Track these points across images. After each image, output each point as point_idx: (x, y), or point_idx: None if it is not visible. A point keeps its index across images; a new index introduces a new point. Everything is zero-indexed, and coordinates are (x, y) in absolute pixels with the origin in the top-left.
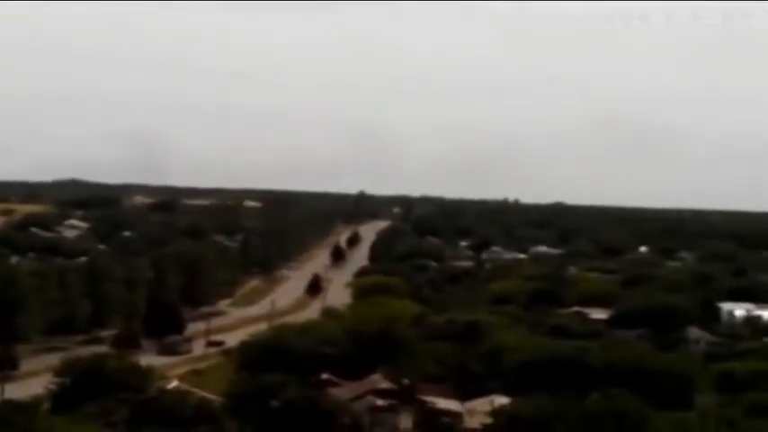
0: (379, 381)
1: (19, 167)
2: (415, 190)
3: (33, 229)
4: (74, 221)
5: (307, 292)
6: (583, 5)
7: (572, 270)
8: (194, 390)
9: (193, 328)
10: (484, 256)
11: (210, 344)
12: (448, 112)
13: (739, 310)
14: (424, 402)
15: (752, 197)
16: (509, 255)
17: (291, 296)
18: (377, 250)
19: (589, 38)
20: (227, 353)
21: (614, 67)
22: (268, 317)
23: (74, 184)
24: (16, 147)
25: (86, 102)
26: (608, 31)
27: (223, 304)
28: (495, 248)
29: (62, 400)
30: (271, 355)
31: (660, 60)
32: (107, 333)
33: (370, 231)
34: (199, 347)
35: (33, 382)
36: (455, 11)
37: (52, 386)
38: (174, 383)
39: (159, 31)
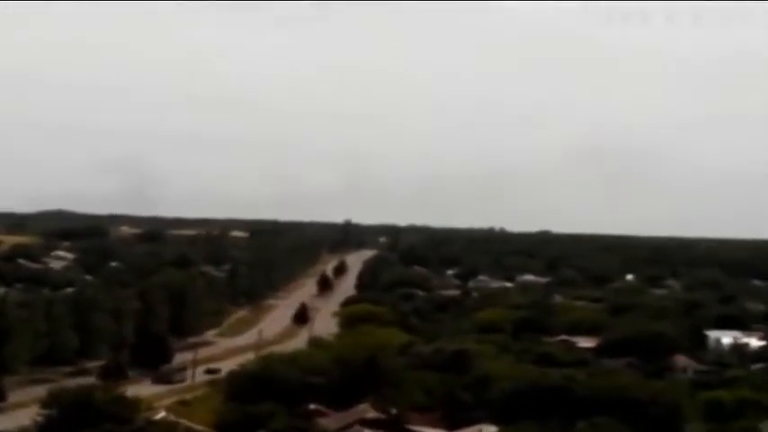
0: (367, 410)
1: (5, 198)
2: (402, 219)
3: (20, 260)
4: (60, 252)
5: (294, 321)
6: (568, 29)
7: (559, 298)
8: (182, 420)
9: (181, 358)
10: (471, 284)
11: (208, 371)
12: (434, 141)
13: (726, 338)
14: None
15: (737, 224)
16: (496, 283)
17: (279, 326)
18: (364, 279)
19: (573, 65)
20: (215, 383)
21: (600, 96)
22: (255, 347)
23: (60, 215)
24: (2, 177)
25: (72, 132)
26: (592, 60)
27: (211, 334)
28: (481, 277)
29: None
30: (258, 385)
31: (646, 88)
32: (94, 364)
33: (356, 260)
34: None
35: (21, 413)
36: (442, 39)
37: (39, 418)
38: (161, 414)
39: (144, 60)
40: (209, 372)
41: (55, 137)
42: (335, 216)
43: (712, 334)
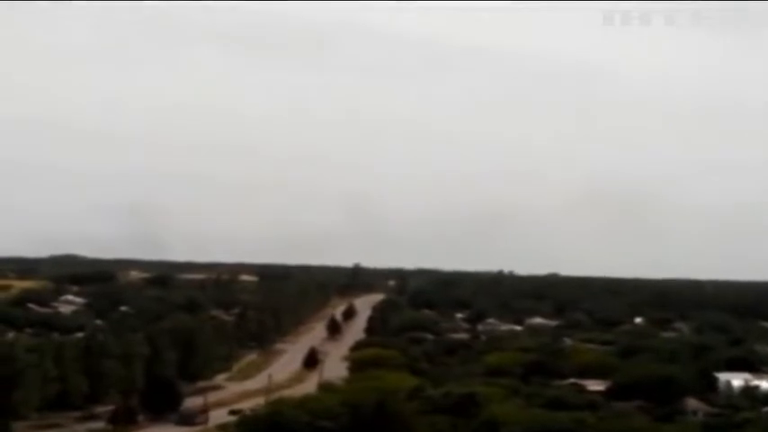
0: None
1: (16, 243)
2: (410, 262)
3: (30, 305)
4: (70, 297)
5: (303, 365)
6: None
7: (568, 341)
8: None
9: (191, 402)
10: (480, 328)
11: (232, 412)
12: (441, 184)
13: (737, 381)
14: None
15: (746, 267)
16: (505, 326)
17: (288, 370)
18: (373, 323)
19: (580, 107)
20: (226, 427)
21: (606, 138)
22: (265, 391)
23: (70, 260)
24: (13, 222)
25: (82, 177)
26: (599, 101)
27: (220, 378)
28: (490, 320)
29: None
30: (269, 429)
31: (652, 130)
32: (104, 409)
33: (365, 304)
34: (216, 417)
35: None
36: (447, 82)
37: None
38: None
39: (152, 104)
40: (233, 413)
41: (65, 181)
42: (344, 260)
43: (722, 376)
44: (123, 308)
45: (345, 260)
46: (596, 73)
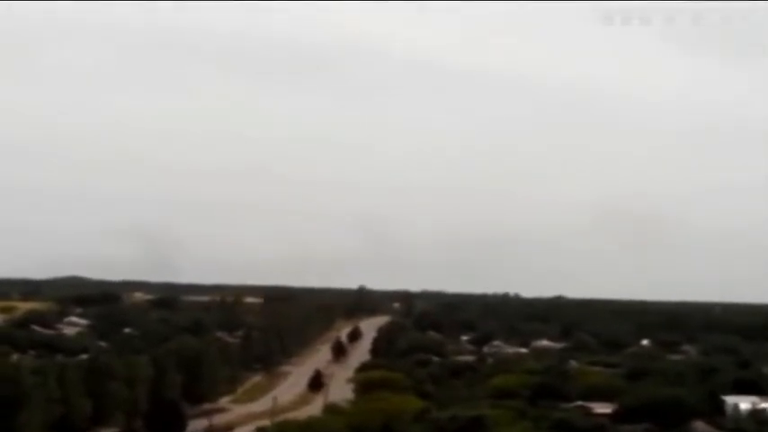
0: None
1: (20, 264)
2: (415, 285)
3: (34, 327)
4: (74, 318)
5: (309, 387)
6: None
7: (574, 364)
8: None
9: (195, 425)
10: (485, 350)
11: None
12: (446, 207)
13: (744, 404)
14: None
15: (754, 289)
16: (511, 349)
17: (293, 392)
18: (378, 345)
19: (586, 128)
20: None
21: (612, 160)
22: (270, 413)
23: (74, 281)
24: (17, 243)
25: (86, 199)
26: (604, 122)
27: (225, 401)
28: (496, 342)
29: None
30: None
31: (658, 151)
32: (108, 431)
33: (370, 326)
34: None
35: None
36: (451, 104)
37: None
38: None
39: (157, 126)
40: None
41: (68, 203)
42: (349, 282)
43: (730, 399)
44: (128, 330)
45: (350, 282)
46: (604, 94)
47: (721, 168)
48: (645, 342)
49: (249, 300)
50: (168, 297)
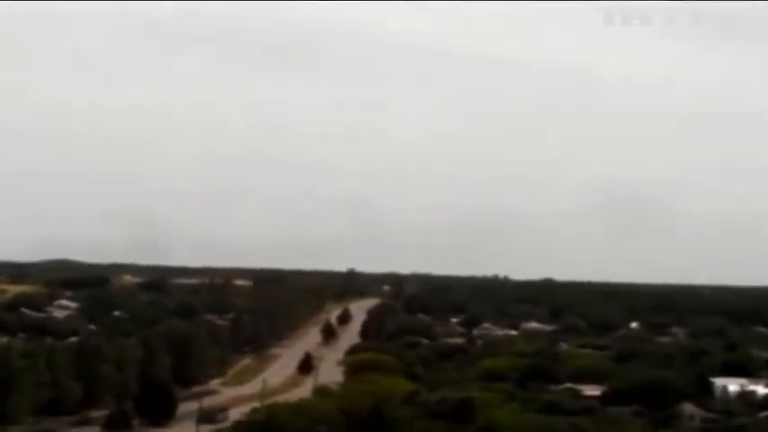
0: None
1: (9, 247)
2: (405, 267)
3: (23, 310)
4: (63, 301)
5: (298, 370)
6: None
7: (563, 346)
8: None
9: (185, 407)
10: (475, 332)
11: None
12: (436, 189)
13: (733, 386)
14: None
15: (741, 272)
16: (500, 331)
17: (283, 374)
18: (368, 328)
19: (576, 113)
20: None
21: (602, 144)
22: (260, 396)
23: (64, 264)
24: (6, 226)
25: (75, 182)
26: (594, 108)
27: (215, 383)
28: (486, 325)
29: None
30: None
31: (647, 136)
32: (98, 414)
33: (360, 309)
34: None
35: None
36: (444, 88)
37: None
38: None
39: (146, 110)
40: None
41: (58, 186)
42: (339, 265)
43: (718, 382)
44: (117, 312)
45: (340, 265)
46: (594, 79)
47: (710, 153)
48: (634, 324)
49: (239, 282)
50: (157, 280)
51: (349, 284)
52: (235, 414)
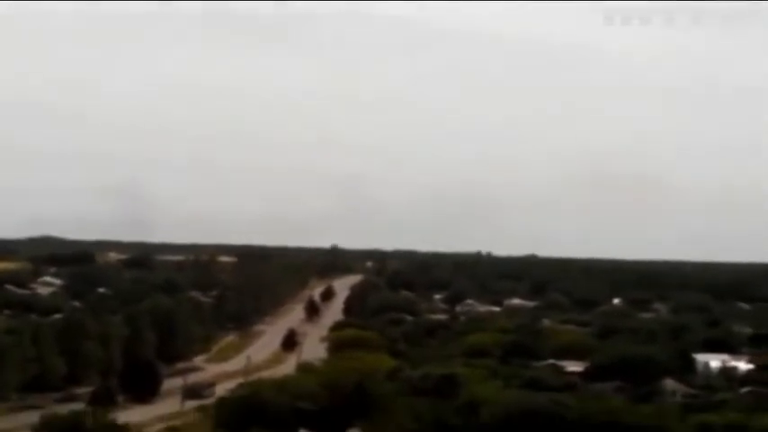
0: None
1: None
2: (388, 244)
3: (7, 286)
4: (48, 278)
5: (282, 346)
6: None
7: (546, 322)
8: None
9: (170, 384)
10: (458, 309)
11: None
12: (420, 166)
13: (715, 362)
14: None
15: (723, 248)
16: (483, 307)
17: (267, 351)
18: (351, 304)
19: (558, 88)
20: (204, 409)
21: (586, 120)
22: (244, 372)
23: (48, 241)
24: None
25: (59, 158)
26: (576, 83)
27: (199, 360)
28: (469, 301)
29: None
30: (247, 411)
31: (634, 111)
32: (83, 390)
33: (343, 286)
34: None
35: None
36: (428, 63)
37: None
38: None
39: (132, 86)
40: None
41: (42, 162)
42: (322, 241)
43: (700, 357)
44: (101, 289)
45: (324, 242)
46: (581, 56)
47: (694, 129)
48: (616, 300)
49: (223, 259)
50: (142, 256)
51: (333, 261)
52: (221, 390)
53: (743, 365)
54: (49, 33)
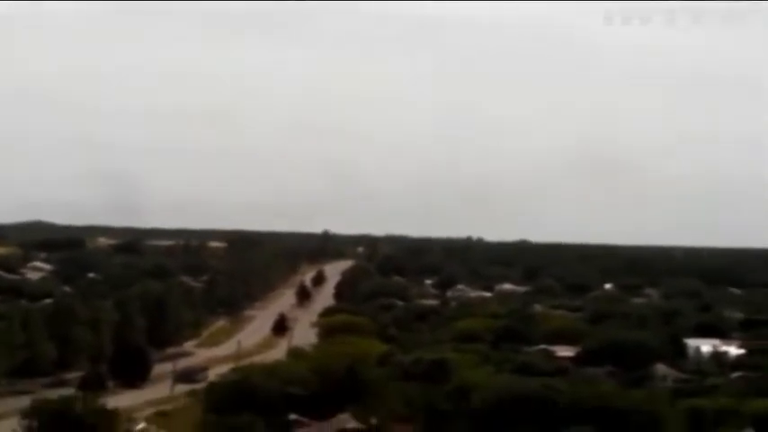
0: (347, 421)
1: None
2: (379, 229)
3: None
4: (38, 263)
5: (273, 331)
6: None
7: (537, 307)
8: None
9: (160, 369)
10: (449, 294)
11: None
12: (411, 151)
13: (706, 347)
14: None
15: (715, 234)
16: (474, 293)
17: (258, 336)
18: (342, 289)
19: (552, 75)
20: (195, 394)
21: (579, 106)
22: (235, 357)
23: (38, 226)
24: None
25: (49, 143)
26: (572, 70)
27: (189, 345)
28: (460, 286)
29: None
30: (238, 396)
31: (628, 99)
32: (73, 375)
33: (334, 271)
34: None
35: (2, 424)
36: (423, 47)
37: (20, 429)
38: (141, 426)
39: (123, 72)
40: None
41: (31, 147)
42: (313, 226)
43: (692, 342)
44: (91, 274)
45: (315, 227)
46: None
47: (684, 116)
48: (608, 286)
49: (213, 244)
50: (132, 241)
51: (324, 246)
52: (212, 376)
53: (734, 350)
54: (39, 19)
